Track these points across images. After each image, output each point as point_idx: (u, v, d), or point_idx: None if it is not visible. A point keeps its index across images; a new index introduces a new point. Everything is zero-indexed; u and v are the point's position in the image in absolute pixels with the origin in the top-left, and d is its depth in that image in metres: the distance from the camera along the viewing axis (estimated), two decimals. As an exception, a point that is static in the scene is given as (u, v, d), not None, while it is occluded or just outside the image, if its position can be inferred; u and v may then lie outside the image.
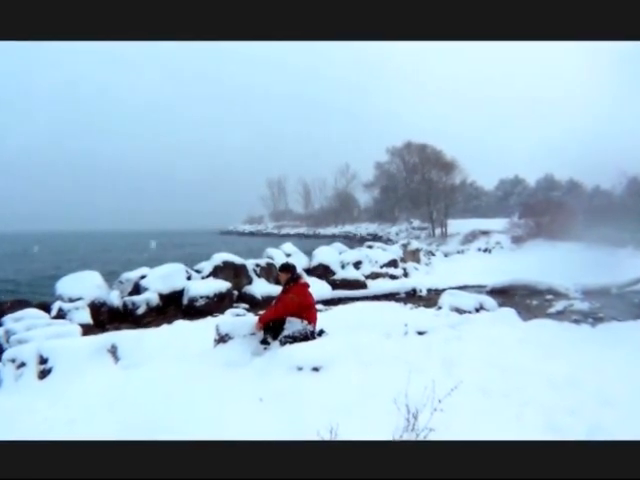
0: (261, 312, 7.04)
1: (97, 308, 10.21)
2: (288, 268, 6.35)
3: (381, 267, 17.28)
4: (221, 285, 12.02)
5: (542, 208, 34.11)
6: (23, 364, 5.17)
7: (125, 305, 10.79)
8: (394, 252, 19.45)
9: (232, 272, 13.11)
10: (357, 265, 16.48)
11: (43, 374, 5.08)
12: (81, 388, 4.71)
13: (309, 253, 16.53)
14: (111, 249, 44.56)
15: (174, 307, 11.43)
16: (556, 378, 4.58)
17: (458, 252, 32.06)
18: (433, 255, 27.22)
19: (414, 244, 23.31)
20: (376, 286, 15.18)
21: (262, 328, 5.81)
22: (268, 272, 14.09)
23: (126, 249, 42.75)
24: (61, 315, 9.38)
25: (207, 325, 7.45)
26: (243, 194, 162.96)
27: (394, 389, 3.57)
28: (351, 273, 15.57)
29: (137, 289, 11.53)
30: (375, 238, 49.48)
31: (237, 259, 13.53)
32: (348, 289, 14.44)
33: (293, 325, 5.73)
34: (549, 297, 12.61)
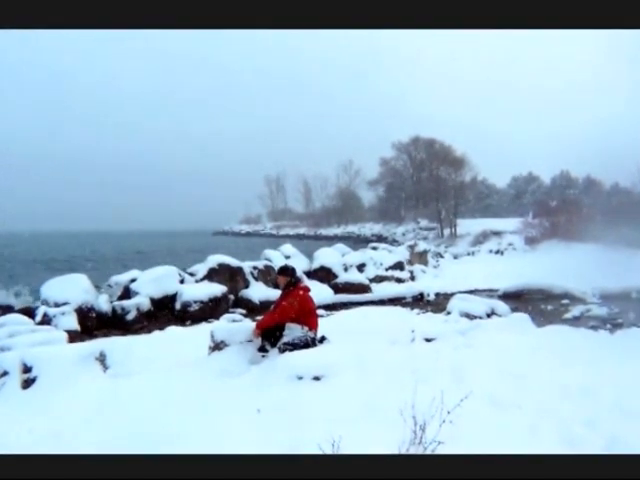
0: (259, 318, 7.05)
1: (84, 313, 10.20)
2: (287, 271, 6.36)
3: (386, 270, 17.31)
4: (216, 289, 12.02)
5: (557, 207, 34.17)
6: (6, 373, 5.17)
7: (114, 310, 10.79)
8: (400, 254, 19.48)
9: (228, 275, 13.11)
10: (361, 268, 16.50)
11: (27, 383, 5.08)
12: (67, 398, 4.71)
13: (310, 255, 16.54)
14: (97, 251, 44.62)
15: (166, 312, 11.43)
16: (572, 388, 4.58)
17: (468, 254, 32.13)
18: (442, 257, 27.29)
19: (421, 245, 23.36)
20: (381, 290, 15.19)
21: (260, 335, 5.82)
22: (266, 275, 14.09)
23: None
24: (46, 321, 9.38)
25: (201, 331, 7.46)
26: (239, 192, 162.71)
27: (400, 399, 3.57)
28: (354, 276, 15.58)
29: (127, 293, 11.54)
30: (380, 239, 49.57)
31: (233, 261, 13.53)
32: (351, 293, 14.42)
33: (293, 331, 5.73)
34: (565, 302, 12.58)
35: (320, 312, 9.34)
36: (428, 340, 6.67)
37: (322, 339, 6.11)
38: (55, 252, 42.11)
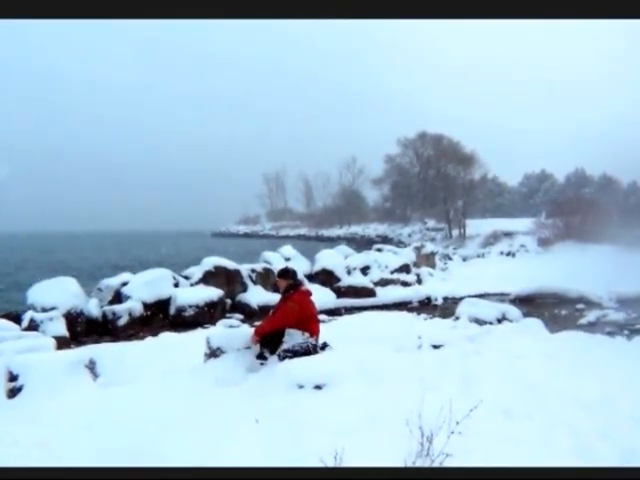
0: (257, 323, 7.05)
1: (73, 319, 10.22)
2: (288, 274, 6.35)
3: (392, 273, 17.26)
4: (212, 293, 12.03)
5: (572, 207, 34.08)
6: (-9, 381, 5.17)
7: (105, 315, 10.80)
8: (406, 256, 19.44)
9: (225, 278, 13.12)
10: (365, 270, 16.47)
11: (13, 393, 5.09)
12: (55, 408, 4.72)
13: (311, 257, 16.53)
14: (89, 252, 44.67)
15: (160, 317, 11.44)
16: (587, 397, 4.58)
17: (478, 256, 32.06)
18: (450, 259, 27.26)
19: (429, 247, 23.32)
20: (386, 294, 15.17)
21: (258, 341, 5.82)
22: (265, 278, 14.10)
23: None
24: (33, 327, 9.39)
25: (197, 338, 7.45)
26: (237, 191, 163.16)
27: (406, 409, 3.58)
28: (358, 279, 15.57)
29: (118, 297, 11.54)
30: (385, 240, 49.51)
31: (230, 264, 13.55)
32: (354, 297, 14.43)
33: (293, 338, 5.73)
34: (580, 306, 12.59)
35: (322, 317, 9.35)
36: (435, 347, 6.66)
37: (324, 346, 6.10)
38: (42, 254, 42.23)
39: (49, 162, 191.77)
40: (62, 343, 8.34)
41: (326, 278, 15.26)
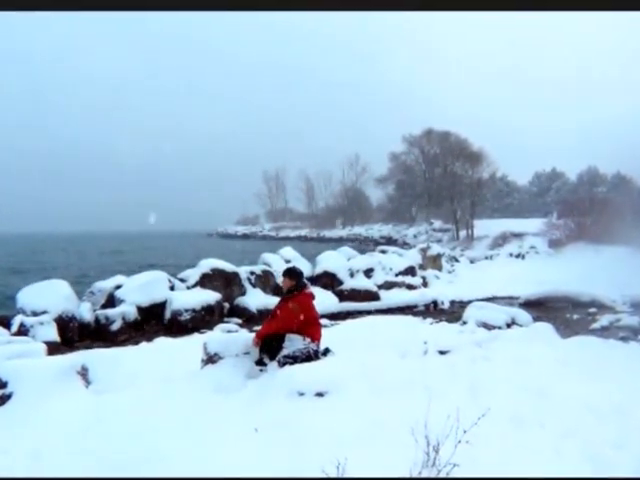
0: (257, 328, 7.06)
1: (65, 323, 10.22)
2: (294, 274, 6.30)
3: (396, 275, 17.27)
4: (209, 296, 12.02)
5: (584, 206, 34.05)
6: (-21, 389, 5.18)
7: (98, 320, 10.80)
8: (411, 258, 19.44)
9: (222, 281, 13.11)
10: (368, 273, 16.47)
11: (2, 400, 5.09)
12: (47, 417, 4.72)
13: (312, 259, 16.53)
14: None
15: (155, 322, 11.43)
16: (600, 405, 4.57)
17: (486, 257, 31.97)
18: (457, 261, 27.20)
19: (435, 248, 23.28)
20: (390, 297, 15.16)
21: (259, 344, 5.80)
22: (264, 281, 14.09)
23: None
24: (23, 331, 9.40)
25: (193, 343, 7.47)
26: (235, 190, 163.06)
27: (411, 418, 3.58)
28: (361, 282, 15.56)
29: (111, 301, 11.54)
30: (389, 241, 49.68)
31: (228, 266, 13.54)
32: (358, 301, 14.43)
33: (294, 343, 5.73)
34: (592, 310, 12.57)
35: (324, 322, 9.35)
36: (442, 352, 6.66)
37: (326, 351, 6.10)
38: (34, 255, 42.29)
39: (46, 162, 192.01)
40: (53, 348, 8.33)
41: (328, 281, 15.25)
